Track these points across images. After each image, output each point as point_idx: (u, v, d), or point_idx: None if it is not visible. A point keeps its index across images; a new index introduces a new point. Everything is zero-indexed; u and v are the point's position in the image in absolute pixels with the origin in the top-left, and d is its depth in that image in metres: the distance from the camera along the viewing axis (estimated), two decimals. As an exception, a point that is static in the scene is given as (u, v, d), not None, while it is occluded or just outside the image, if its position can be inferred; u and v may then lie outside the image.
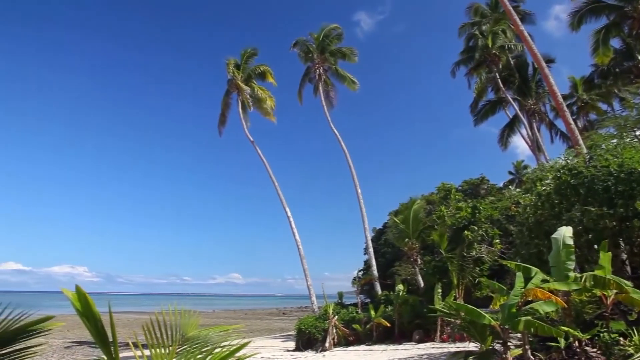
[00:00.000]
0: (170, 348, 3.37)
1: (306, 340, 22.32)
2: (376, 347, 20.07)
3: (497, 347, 8.71)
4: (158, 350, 3.29)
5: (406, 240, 24.32)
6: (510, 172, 54.46)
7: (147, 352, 3.33)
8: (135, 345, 3.37)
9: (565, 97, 31.25)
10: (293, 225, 30.58)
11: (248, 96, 34.29)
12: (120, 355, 2.71)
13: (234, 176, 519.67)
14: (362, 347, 20.74)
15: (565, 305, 8.27)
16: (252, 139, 33.79)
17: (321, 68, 34.90)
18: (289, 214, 30.90)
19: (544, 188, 14.39)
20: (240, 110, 34.54)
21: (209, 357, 3.23)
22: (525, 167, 50.14)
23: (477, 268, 20.69)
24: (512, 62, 34.91)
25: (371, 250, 30.25)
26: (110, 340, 2.82)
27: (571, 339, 8.87)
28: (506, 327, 8.02)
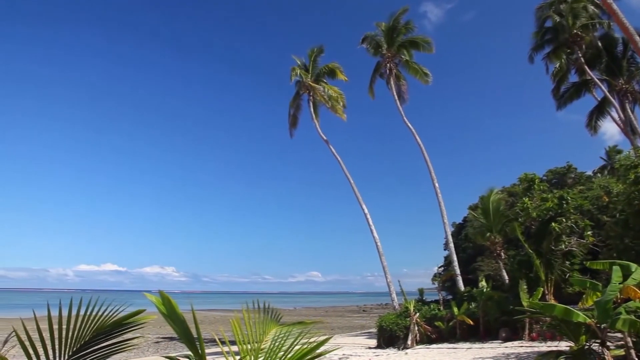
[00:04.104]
0: (257, 343, 3.47)
1: (388, 337, 22.16)
2: (460, 345, 19.53)
3: (594, 346, 8.12)
4: (245, 346, 3.39)
5: (488, 234, 23.40)
6: (602, 158, 50.74)
7: (233, 347, 3.46)
8: (223, 342, 3.51)
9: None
10: (370, 222, 30.44)
11: (321, 95, 34.45)
12: (208, 350, 2.86)
13: (309, 175, 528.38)
14: (446, 345, 20.27)
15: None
16: (325, 138, 34.04)
17: (391, 62, 34.28)
18: (366, 211, 30.79)
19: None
20: (312, 110, 34.86)
21: (293, 352, 3.29)
22: (619, 152, 46.46)
23: (567, 262, 19.49)
24: (597, 41, 32.38)
25: (452, 245, 29.41)
26: (196, 337, 2.97)
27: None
28: (604, 325, 7.47)
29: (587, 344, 8.18)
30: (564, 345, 11.06)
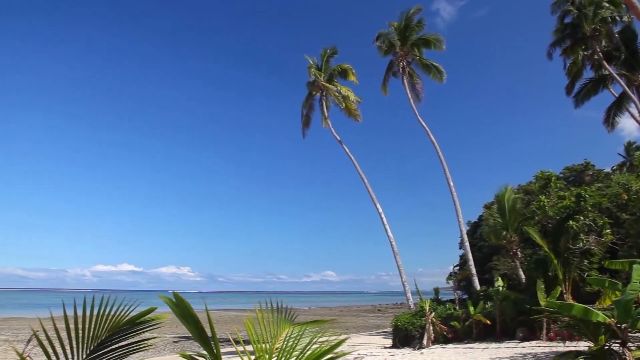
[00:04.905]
0: (270, 344, 3.46)
1: (403, 337, 22.07)
2: (476, 345, 19.36)
3: (615, 347, 7.97)
4: (260, 346, 3.40)
5: (504, 233, 23.14)
6: (620, 155, 49.82)
7: (248, 347, 3.46)
8: (237, 341, 3.51)
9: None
10: (385, 222, 30.33)
11: (335, 95, 34.45)
12: (224, 349, 2.88)
13: (323, 174, 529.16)
14: (462, 344, 20.11)
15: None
16: (339, 139, 34.02)
17: (404, 60, 34.11)
18: (380, 210, 30.68)
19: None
20: (324, 110, 34.88)
21: (308, 352, 3.28)
22: (638, 148, 45.48)
23: (585, 261, 19.20)
24: (616, 35, 31.82)
25: (467, 244, 29.15)
26: (210, 337, 2.99)
27: None
28: (624, 325, 7.32)
29: (607, 344, 8.04)
30: (582, 346, 10.89)
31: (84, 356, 3.03)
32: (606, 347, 7.88)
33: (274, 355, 3.36)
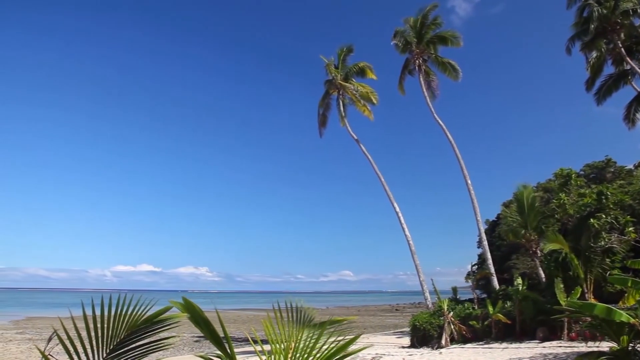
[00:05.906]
0: (287, 343, 3.47)
1: (421, 336, 21.94)
2: (496, 344, 19.16)
3: (639, 347, 7.81)
4: (277, 345, 3.40)
5: (523, 232, 22.82)
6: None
7: (266, 346, 3.47)
8: (255, 341, 3.53)
9: None
10: (402, 221, 30.15)
11: (352, 93, 34.42)
12: (242, 348, 2.89)
13: (340, 173, 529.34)
14: (480, 344, 19.92)
15: None
16: (356, 137, 33.95)
17: (420, 58, 33.86)
18: (398, 209, 30.52)
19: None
20: (341, 109, 34.83)
21: (324, 349, 3.28)
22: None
23: (607, 260, 18.84)
24: (637, 28, 31.09)
25: (485, 243, 28.83)
26: (223, 337, 3.02)
27: None
28: (648, 325, 7.16)
29: (631, 344, 7.89)
30: (605, 346, 10.71)
31: (104, 355, 3.07)
32: (630, 348, 7.73)
33: (289, 354, 3.36)
